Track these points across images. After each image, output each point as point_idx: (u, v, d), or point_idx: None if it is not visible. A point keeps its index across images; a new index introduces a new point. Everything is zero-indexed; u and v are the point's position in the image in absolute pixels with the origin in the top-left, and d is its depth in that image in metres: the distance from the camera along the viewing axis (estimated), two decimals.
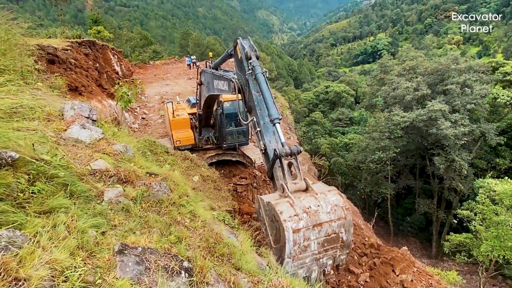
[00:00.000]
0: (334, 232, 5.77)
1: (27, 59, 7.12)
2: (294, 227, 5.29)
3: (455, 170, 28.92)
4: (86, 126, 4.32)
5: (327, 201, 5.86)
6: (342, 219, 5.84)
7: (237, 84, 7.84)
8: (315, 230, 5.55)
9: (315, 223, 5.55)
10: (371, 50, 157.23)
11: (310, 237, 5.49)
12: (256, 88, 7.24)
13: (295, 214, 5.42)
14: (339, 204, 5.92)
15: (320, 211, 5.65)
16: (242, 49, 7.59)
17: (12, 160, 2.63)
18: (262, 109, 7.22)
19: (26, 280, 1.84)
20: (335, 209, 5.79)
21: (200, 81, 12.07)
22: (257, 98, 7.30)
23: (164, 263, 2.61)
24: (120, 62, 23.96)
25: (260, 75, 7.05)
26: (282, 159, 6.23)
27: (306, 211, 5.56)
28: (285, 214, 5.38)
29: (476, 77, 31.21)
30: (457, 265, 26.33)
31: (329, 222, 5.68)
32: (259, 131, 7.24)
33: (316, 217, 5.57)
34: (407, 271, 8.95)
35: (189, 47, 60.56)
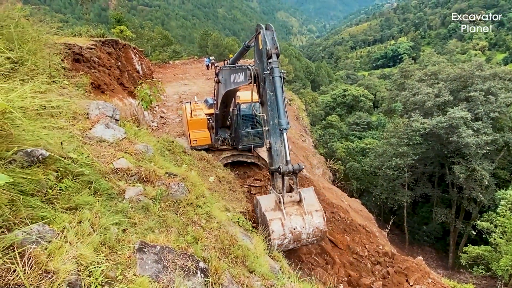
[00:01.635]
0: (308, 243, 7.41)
1: (55, 57, 7.43)
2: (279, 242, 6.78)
3: (475, 180, 28.03)
4: (110, 125, 4.49)
5: (312, 223, 7.13)
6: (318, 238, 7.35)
7: (253, 72, 7.91)
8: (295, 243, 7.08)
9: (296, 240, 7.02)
10: (392, 54, 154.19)
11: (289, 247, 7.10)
12: (271, 88, 7.34)
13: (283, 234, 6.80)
14: (319, 227, 7.19)
15: (304, 232, 6.99)
16: (264, 44, 7.49)
17: (43, 157, 2.78)
18: (274, 110, 7.44)
19: (55, 273, 1.95)
20: (315, 232, 7.14)
21: (218, 79, 12.21)
22: (271, 97, 7.43)
23: (181, 262, 2.69)
24: (141, 61, 24.49)
25: (278, 79, 7.13)
26: (284, 177, 7.11)
27: (292, 232, 6.90)
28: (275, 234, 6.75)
29: (502, 85, 30.20)
30: (474, 278, 25.46)
31: (307, 239, 7.13)
32: (267, 130, 7.73)
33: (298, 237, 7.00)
34: (421, 281, 8.78)
35: (208, 48, 61.18)
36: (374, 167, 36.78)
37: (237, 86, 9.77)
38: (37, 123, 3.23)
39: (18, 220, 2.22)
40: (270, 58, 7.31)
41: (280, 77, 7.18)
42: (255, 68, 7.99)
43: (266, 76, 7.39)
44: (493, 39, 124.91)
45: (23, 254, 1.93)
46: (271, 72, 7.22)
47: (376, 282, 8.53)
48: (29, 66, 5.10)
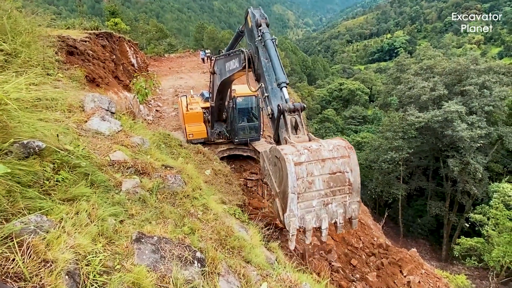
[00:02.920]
0: (339, 170, 5.56)
1: (49, 50, 7.36)
2: (295, 160, 5.20)
3: (469, 173, 28.38)
4: (106, 118, 4.48)
5: (329, 142, 5.77)
6: (345, 157, 5.66)
7: (247, 54, 7.91)
8: (318, 165, 5.38)
9: (317, 158, 5.41)
10: (388, 48, 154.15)
11: (313, 171, 5.34)
12: (265, 55, 7.25)
13: (297, 150, 5.39)
14: (341, 144, 5.77)
15: (322, 149, 5.55)
16: (252, 17, 7.65)
17: (39, 149, 2.79)
18: (271, 75, 7.22)
19: (54, 262, 1.98)
20: (337, 148, 5.64)
21: (213, 70, 12.20)
22: (266, 64, 7.30)
23: (178, 252, 2.73)
24: (136, 54, 24.27)
25: (269, 41, 7.09)
26: (285, 114, 6.23)
27: (308, 148, 5.50)
28: (286, 150, 5.38)
29: (496, 79, 30.41)
30: (466, 269, 25.95)
31: (332, 159, 5.52)
32: (266, 97, 7.24)
33: (318, 153, 5.44)
34: (415, 272, 8.94)
35: (204, 41, 60.73)
36: (369, 160, 37.04)
37: (232, 73, 9.76)
38: (33, 115, 3.23)
39: (15, 210, 2.24)
40: (260, 26, 7.37)
41: (271, 40, 7.14)
42: (248, 50, 8.00)
43: (258, 45, 7.36)
44: (489, 33, 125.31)
45: (22, 243, 1.95)
46: (262, 37, 7.19)
47: (370, 273, 8.67)
48: (23, 59, 5.05)
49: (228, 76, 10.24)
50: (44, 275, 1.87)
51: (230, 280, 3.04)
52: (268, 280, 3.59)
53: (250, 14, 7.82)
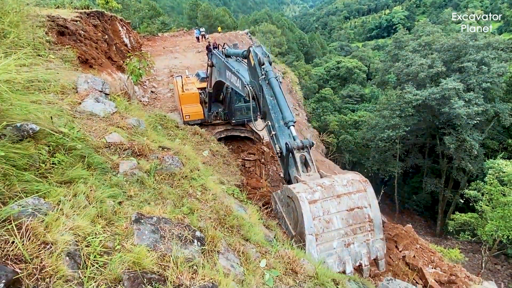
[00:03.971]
0: (356, 206, 5.25)
1: (39, 30, 7.13)
2: (309, 198, 4.96)
3: (465, 150, 28.60)
4: (100, 99, 4.41)
5: (342, 177, 5.56)
6: (361, 191, 5.37)
7: (251, 91, 7.91)
8: (334, 202, 5.09)
9: (332, 194, 5.13)
10: (386, 24, 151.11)
11: (329, 209, 5.05)
12: (270, 93, 7.25)
13: (309, 188, 5.15)
14: (355, 178, 5.56)
15: (336, 184, 5.31)
16: (255, 57, 7.63)
17: (33, 132, 2.75)
18: (277, 112, 7.19)
19: (53, 244, 1.99)
20: (352, 182, 5.40)
21: (212, 63, 11.94)
22: (271, 102, 7.31)
23: (178, 232, 2.76)
24: (128, 34, 23.65)
25: (273, 79, 7.08)
26: (294, 152, 6.20)
27: (321, 185, 5.24)
28: (299, 189, 5.13)
29: (495, 54, 30.06)
30: (460, 244, 26.70)
31: (347, 194, 5.24)
32: (274, 135, 7.20)
33: (332, 189, 5.18)
34: (410, 247, 9.16)
35: (198, 19, 59.16)
36: (366, 139, 37.16)
37: (232, 86, 9.81)
38: (25, 97, 3.16)
39: (12, 194, 2.22)
40: (263, 64, 7.39)
41: (275, 78, 7.14)
42: (252, 87, 7.99)
43: (262, 83, 7.35)
44: (488, 8, 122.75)
45: (20, 226, 1.95)
46: (266, 76, 7.18)
47: None
48: (11, 39, 4.90)
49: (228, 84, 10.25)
50: (45, 257, 1.89)
51: (229, 258, 3.10)
52: (267, 257, 3.66)
53: (252, 53, 7.77)
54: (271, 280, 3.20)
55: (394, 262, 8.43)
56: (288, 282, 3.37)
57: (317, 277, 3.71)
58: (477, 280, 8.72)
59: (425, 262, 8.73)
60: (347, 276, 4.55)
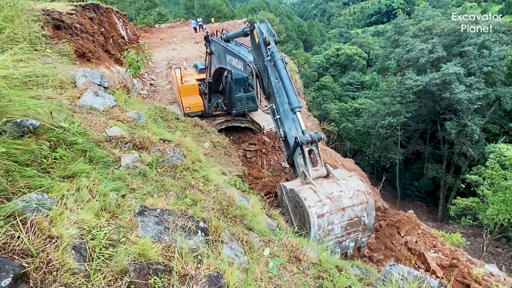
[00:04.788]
0: (356, 216, 5.94)
1: (34, 25, 7.06)
2: (318, 212, 5.45)
3: (466, 135, 28.54)
4: (99, 93, 4.39)
5: (349, 186, 5.99)
6: (364, 203, 5.98)
7: (254, 70, 7.70)
8: (339, 215, 5.73)
9: (338, 208, 5.71)
10: (386, 9, 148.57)
11: (334, 221, 5.70)
12: (275, 75, 7.11)
13: (319, 200, 5.59)
14: (361, 189, 6.04)
15: (343, 196, 5.81)
16: (260, 34, 7.40)
17: (33, 127, 2.74)
18: (282, 96, 7.12)
19: (59, 238, 2.01)
20: (357, 194, 5.93)
21: (211, 51, 11.76)
22: (276, 84, 7.18)
23: (182, 223, 2.78)
24: (125, 26, 23.40)
25: (280, 62, 6.95)
26: (303, 147, 6.29)
27: (329, 197, 5.71)
28: (309, 201, 5.54)
29: (496, 38, 29.67)
30: (461, 228, 26.92)
31: (351, 206, 5.84)
32: (278, 119, 7.15)
33: (339, 203, 5.73)
34: (412, 233, 9.24)
35: (195, 9, 58.41)
36: (367, 126, 37.08)
37: (234, 70, 9.53)
38: (23, 93, 3.15)
39: (16, 189, 2.23)
40: (269, 44, 7.20)
41: (281, 60, 7.00)
42: (255, 65, 7.77)
43: (268, 64, 7.20)
44: None
45: (25, 221, 1.97)
46: (272, 57, 7.03)
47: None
48: (7, 34, 4.85)
49: (229, 68, 9.99)
50: (51, 251, 1.91)
51: (233, 247, 3.13)
52: (271, 245, 3.70)
53: (257, 29, 7.52)
54: (275, 268, 3.24)
55: (397, 248, 8.52)
56: (292, 270, 3.41)
57: (321, 264, 3.75)
58: (478, 264, 8.83)
59: (427, 247, 8.82)
60: (350, 262, 4.61)
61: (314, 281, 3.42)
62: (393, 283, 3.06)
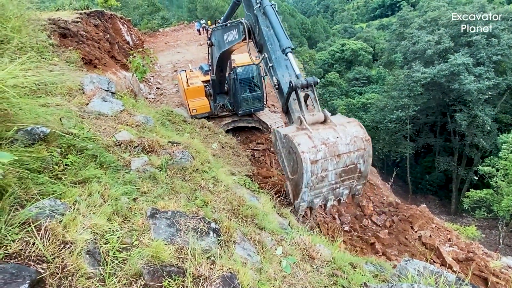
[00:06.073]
0: (352, 163, 5.62)
1: (41, 34, 7.17)
2: (312, 158, 5.16)
3: (477, 126, 28.06)
4: (107, 99, 4.43)
5: (347, 132, 5.61)
6: (361, 150, 5.61)
7: (246, 25, 7.62)
8: (333, 161, 5.41)
9: (333, 154, 5.36)
10: (390, 2, 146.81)
11: (328, 167, 5.41)
12: (266, 23, 6.95)
13: (313, 146, 5.26)
14: (359, 135, 5.64)
15: (339, 142, 5.44)
16: None
17: (44, 135, 2.78)
18: (273, 43, 6.88)
19: (73, 243, 2.03)
20: (354, 141, 5.54)
21: (211, 42, 11.85)
22: (267, 33, 7.01)
23: (193, 224, 2.78)
24: (130, 31, 23.64)
25: (269, 7, 6.79)
26: (298, 91, 5.91)
27: (325, 143, 5.36)
28: (303, 146, 5.23)
29: (505, 25, 29.08)
30: (476, 221, 26.44)
31: (348, 153, 5.50)
32: (271, 67, 6.86)
33: (334, 148, 5.38)
34: (425, 227, 9.11)
35: (198, 11, 58.61)
36: (375, 121, 36.73)
37: (231, 45, 9.41)
38: (33, 101, 3.19)
39: (29, 196, 2.26)
40: None
41: (271, 5, 6.84)
42: (247, 21, 7.68)
43: (258, 13, 7.06)
44: None
45: (39, 228, 1.99)
46: (261, 4, 6.90)
47: (382, 231, 8.87)
48: (15, 45, 4.93)
49: (227, 47, 9.91)
50: (65, 256, 1.92)
51: (246, 247, 3.12)
52: (283, 244, 3.67)
53: None
54: (288, 267, 3.22)
55: (410, 243, 8.41)
56: (305, 268, 3.39)
57: (334, 261, 3.72)
58: (495, 256, 8.65)
59: (441, 241, 8.68)
60: (364, 259, 4.56)
61: (329, 279, 3.39)
62: (408, 279, 3.01)
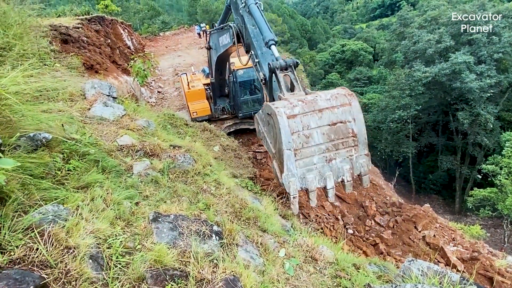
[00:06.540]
0: (339, 120, 4.97)
1: (43, 40, 7.22)
2: (288, 113, 4.65)
3: (480, 125, 27.93)
4: (108, 104, 4.45)
5: (327, 92, 5.15)
6: (346, 105, 5.01)
7: (235, 29, 7.73)
8: (315, 117, 4.79)
9: (313, 109, 4.81)
10: (390, 2, 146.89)
11: (310, 124, 4.79)
12: (252, 22, 6.97)
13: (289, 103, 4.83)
14: (340, 92, 5.15)
15: (319, 99, 4.93)
16: None
17: (46, 141, 2.80)
18: (259, 40, 6.82)
19: (76, 248, 2.04)
20: (336, 97, 4.99)
21: (209, 45, 11.94)
22: (253, 31, 7.01)
23: (196, 228, 2.79)
24: (131, 36, 23.76)
25: (253, 6, 6.83)
26: (277, 72, 5.63)
27: (302, 100, 4.88)
28: (277, 104, 4.85)
29: (505, 23, 28.99)
30: (480, 220, 26.27)
31: (330, 108, 4.90)
32: (257, 62, 6.75)
33: (314, 104, 4.85)
34: (429, 227, 9.07)
35: (198, 15, 58.85)
36: (377, 121, 36.64)
37: (225, 48, 9.51)
38: (35, 107, 3.22)
39: (32, 202, 2.28)
40: None
41: (255, 4, 6.86)
42: (237, 24, 7.76)
43: (243, 13, 7.12)
44: None
45: (43, 233, 2.00)
46: (246, 3, 6.97)
47: (385, 232, 8.84)
48: (17, 51, 4.97)
49: (222, 51, 10.03)
50: (69, 261, 1.93)
51: (248, 250, 3.12)
52: (286, 246, 3.67)
53: None
54: (291, 269, 3.22)
55: (414, 243, 8.37)
56: (308, 270, 3.38)
57: (338, 262, 3.71)
58: (500, 255, 8.60)
59: (445, 240, 8.64)
60: (367, 260, 4.54)
61: (332, 280, 3.38)
62: (412, 279, 3.00)
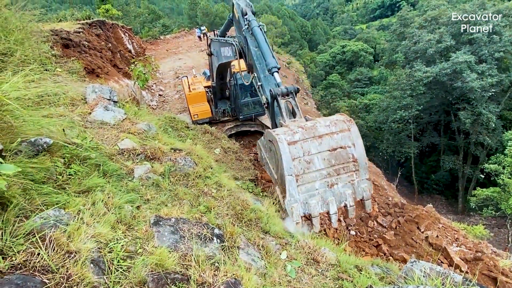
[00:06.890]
0: (339, 146, 5.10)
1: (44, 45, 7.26)
2: (289, 139, 4.83)
3: (482, 124, 27.85)
4: (109, 108, 4.47)
5: (326, 119, 5.35)
6: (345, 131, 5.15)
7: (237, 47, 7.86)
8: (315, 143, 4.94)
9: (313, 135, 4.97)
10: (389, 2, 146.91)
11: (310, 150, 4.93)
12: (254, 44, 7.12)
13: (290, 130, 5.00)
14: (339, 118, 5.31)
15: (318, 125, 5.11)
16: (238, 8, 7.59)
17: (47, 145, 2.81)
18: (262, 63, 7.00)
19: (77, 252, 2.04)
20: (335, 123, 5.17)
21: (210, 52, 12.03)
22: (256, 53, 7.15)
23: (197, 231, 2.79)
24: (131, 39, 23.86)
25: (257, 28, 6.98)
26: (278, 98, 5.89)
27: (302, 127, 5.06)
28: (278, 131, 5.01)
29: (506, 22, 28.95)
30: (484, 220, 26.13)
31: (329, 134, 5.05)
32: (260, 86, 6.97)
33: (313, 130, 5.02)
34: (432, 227, 9.01)
35: (198, 17, 59.10)
36: (378, 122, 36.62)
37: (227, 60, 9.73)
38: (36, 112, 3.23)
39: (33, 207, 2.29)
40: (246, 14, 7.28)
41: (258, 27, 7.03)
42: (239, 42, 7.91)
43: (246, 34, 7.24)
44: None
45: (44, 238, 2.01)
46: (249, 25, 7.07)
47: (388, 232, 8.79)
48: (18, 57, 5.00)
49: (224, 61, 10.25)
50: (70, 266, 1.94)
51: (250, 252, 3.11)
52: (288, 248, 3.67)
53: (235, 5, 7.75)
54: (293, 271, 3.21)
55: (417, 244, 8.32)
56: (310, 272, 3.37)
57: (340, 264, 3.70)
58: (504, 255, 8.53)
59: (449, 241, 8.58)
60: (369, 261, 4.53)
61: (334, 282, 3.37)
62: (415, 281, 2.99)
